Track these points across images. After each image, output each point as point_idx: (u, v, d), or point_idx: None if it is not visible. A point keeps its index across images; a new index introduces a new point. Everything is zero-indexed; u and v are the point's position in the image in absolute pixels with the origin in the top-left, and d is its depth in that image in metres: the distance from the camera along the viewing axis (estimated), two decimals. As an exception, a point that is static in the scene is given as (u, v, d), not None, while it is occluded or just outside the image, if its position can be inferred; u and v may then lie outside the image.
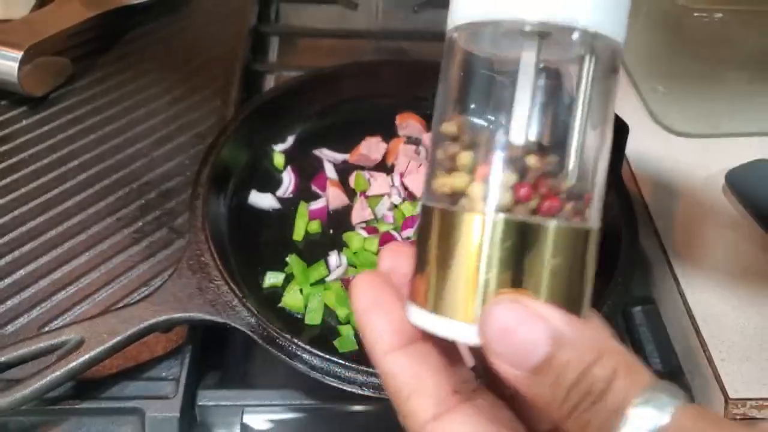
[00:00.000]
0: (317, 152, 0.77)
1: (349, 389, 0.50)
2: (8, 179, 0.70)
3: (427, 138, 0.78)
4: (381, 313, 0.29)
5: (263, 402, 0.54)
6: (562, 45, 0.29)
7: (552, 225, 0.27)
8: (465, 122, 0.31)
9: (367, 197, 0.71)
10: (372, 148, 0.76)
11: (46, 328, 0.58)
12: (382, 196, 0.71)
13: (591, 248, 0.29)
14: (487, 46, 0.31)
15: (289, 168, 0.74)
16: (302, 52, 1.10)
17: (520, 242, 0.27)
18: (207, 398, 0.54)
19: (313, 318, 0.60)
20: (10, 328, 0.58)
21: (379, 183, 0.72)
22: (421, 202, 0.31)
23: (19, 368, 0.51)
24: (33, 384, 0.48)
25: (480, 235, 0.27)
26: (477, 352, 0.30)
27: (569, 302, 0.28)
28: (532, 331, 0.25)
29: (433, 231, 0.29)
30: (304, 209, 0.69)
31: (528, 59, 0.28)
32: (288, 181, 0.72)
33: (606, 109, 0.31)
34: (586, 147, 0.30)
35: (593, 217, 0.30)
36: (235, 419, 0.56)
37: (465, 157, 0.30)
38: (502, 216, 0.27)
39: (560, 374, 0.25)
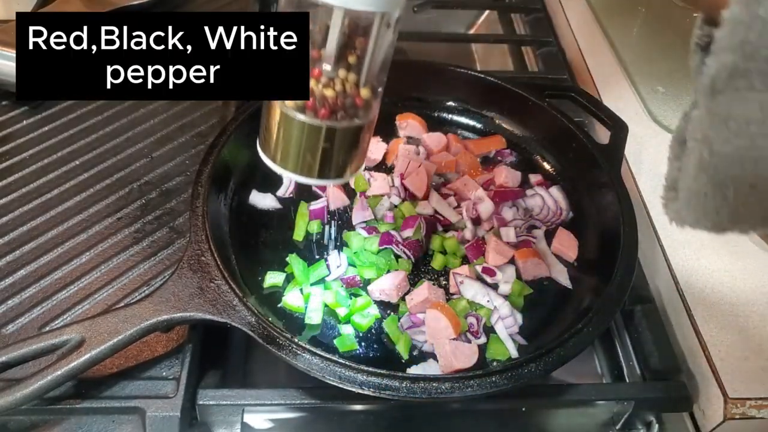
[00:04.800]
0: (317, 152, 0.77)
1: (349, 388, 0.50)
2: (9, 179, 0.71)
3: (427, 138, 0.78)
4: None
5: (263, 401, 0.54)
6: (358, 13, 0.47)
7: (324, 124, 0.49)
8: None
9: (367, 197, 0.71)
10: (372, 148, 0.76)
11: (47, 328, 0.58)
12: (382, 196, 0.71)
13: (358, 136, 0.51)
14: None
15: (289, 168, 0.74)
16: (302, 52, 1.10)
17: (304, 134, 0.49)
18: (207, 397, 0.54)
19: (313, 317, 0.60)
20: (11, 327, 0.58)
21: (379, 183, 0.72)
22: None
23: (20, 368, 0.51)
24: (34, 383, 0.48)
25: (279, 123, 0.50)
26: None
27: (337, 169, 0.52)
28: None
29: (269, 110, 0.51)
30: (304, 209, 0.69)
31: (336, 21, 0.46)
32: (288, 181, 0.72)
33: (386, 52, 0.50)
34: (366, 77, 0.49)
35: (365, 117, 0.50)
36: (235, 418, 0.56)
37: None
38: (295, 115, 0.49)
39: None
